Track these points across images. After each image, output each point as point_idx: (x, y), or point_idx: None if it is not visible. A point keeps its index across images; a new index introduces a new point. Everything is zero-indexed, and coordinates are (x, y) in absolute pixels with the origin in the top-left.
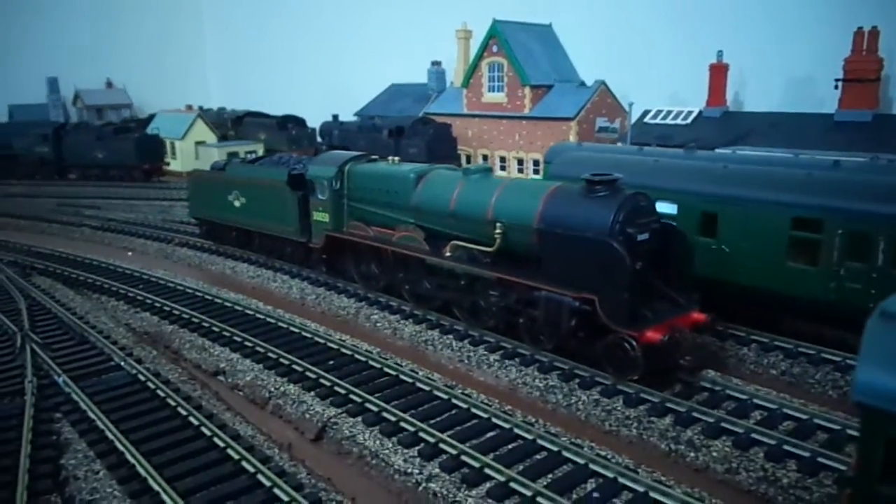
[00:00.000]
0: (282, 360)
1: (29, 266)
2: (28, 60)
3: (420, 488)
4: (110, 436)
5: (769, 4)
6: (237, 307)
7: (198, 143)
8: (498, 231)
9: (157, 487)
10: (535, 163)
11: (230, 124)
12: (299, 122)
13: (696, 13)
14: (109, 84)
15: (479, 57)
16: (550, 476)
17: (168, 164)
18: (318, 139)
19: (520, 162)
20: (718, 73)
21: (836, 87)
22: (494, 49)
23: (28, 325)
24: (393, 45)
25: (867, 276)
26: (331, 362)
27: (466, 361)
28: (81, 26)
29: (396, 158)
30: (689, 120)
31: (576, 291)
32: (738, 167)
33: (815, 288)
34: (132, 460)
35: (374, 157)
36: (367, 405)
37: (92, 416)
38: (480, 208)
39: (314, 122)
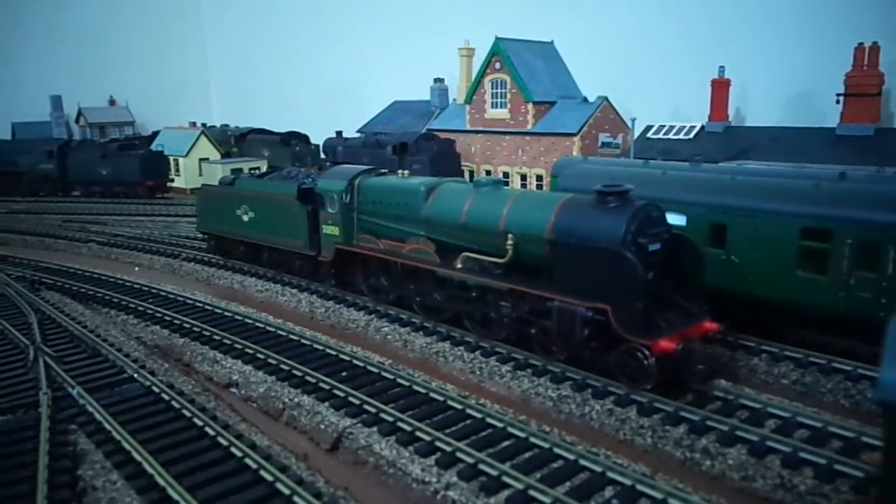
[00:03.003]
0: (294, 371)
1: (37, 281)
2: (31, 78)
3: (439, 496)
4: (127, 446)
5: (770, 20)
6: (247, 320)
7: (201, 160)
8: (510, 242)
9: (176, 496)
10: (539, 178)
11: (233, 141)
12: (303, 138)
13: (697, 29)
14: (112, 102)
15: (482, 74)
16: (569, 483)
17: (172, 180)
18: (322, 156)
19: (523, 177)
20: (720, 88)
21: (838, 101)
22: (497, 66)
23: (40, 338)
24: (396, 63)
25: (877, 285)
26: (343, 374)
27: (478, 372)
28: (84, 44)
29: (406, 172)
30: (691, 135)
31: (588, 301)
32: (746, 178)
33: (825, 297)
34: (150, 470)
35: (383, 170)
36: (382, 415)
37: (108, 427)
38: (492, 220)
39: (317, 138)
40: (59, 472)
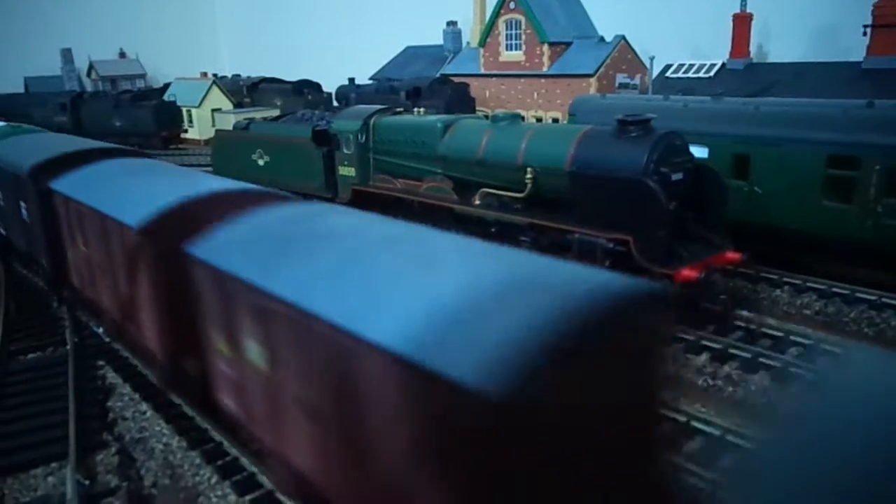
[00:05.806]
0: None
1: None
2: (42, 32)
3: None
4: (153, 379)
5: None
6: None
7: (214, 111)
8: (529, 176)
9: (204, 424)
10: (555, 121)
11: (245, 91)
12: (315, 86)
13: None
14: (122, 54)
15: (496, 14)
16: None
17: (186, 131)
18: (335, 103)
19: (538, 121)
20: (742, 23)
21: (865, 33)
22: (511, 6)
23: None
24: (407, 7)
25: None
26: None
27: None
28: None
29: (422, 110)
30: (711, 73)
31: (609, 233)
32: (770, 108)
33: (851, 226)
34: (178, 400)
35: (399, 109)
36: None
37: (134, 362)
38: (510, 154)
39: (330, 86)
40: (88, 404)
